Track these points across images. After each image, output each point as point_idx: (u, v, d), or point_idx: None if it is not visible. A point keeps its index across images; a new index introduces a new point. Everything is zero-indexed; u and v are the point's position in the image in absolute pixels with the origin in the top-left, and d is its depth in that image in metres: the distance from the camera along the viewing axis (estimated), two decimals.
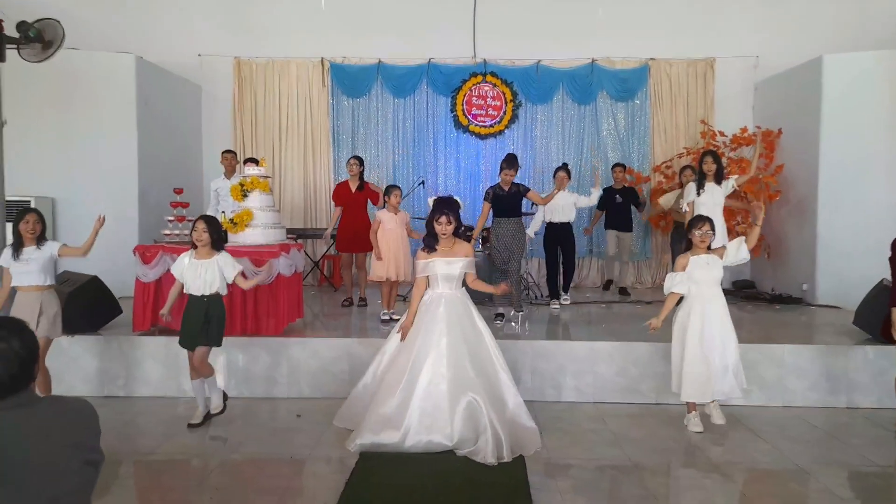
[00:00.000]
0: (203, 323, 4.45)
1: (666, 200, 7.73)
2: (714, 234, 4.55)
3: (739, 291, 8.47)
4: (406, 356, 4.20)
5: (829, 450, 4.32)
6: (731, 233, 8.03)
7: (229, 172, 7.49)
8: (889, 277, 5.37)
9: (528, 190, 6.41)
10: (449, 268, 4.27)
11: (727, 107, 9.21)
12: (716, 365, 4.42)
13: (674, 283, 4.53)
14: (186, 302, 4.52)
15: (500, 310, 6.43)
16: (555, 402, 5.21)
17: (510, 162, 6.27)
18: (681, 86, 9.35)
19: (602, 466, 3.99)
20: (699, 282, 4.47)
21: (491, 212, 6.42)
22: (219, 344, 4.59)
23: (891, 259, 4.51)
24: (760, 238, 8.34)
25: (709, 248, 4.55)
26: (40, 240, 4.58)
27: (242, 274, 4.64)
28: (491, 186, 6.44)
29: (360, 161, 7.36)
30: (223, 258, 4.52)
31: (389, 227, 6.22)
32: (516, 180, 6.38)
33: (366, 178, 7.57)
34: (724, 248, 4.57)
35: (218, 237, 4.55)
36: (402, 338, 4.31)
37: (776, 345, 5.35)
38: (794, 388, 5.23)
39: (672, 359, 4.60)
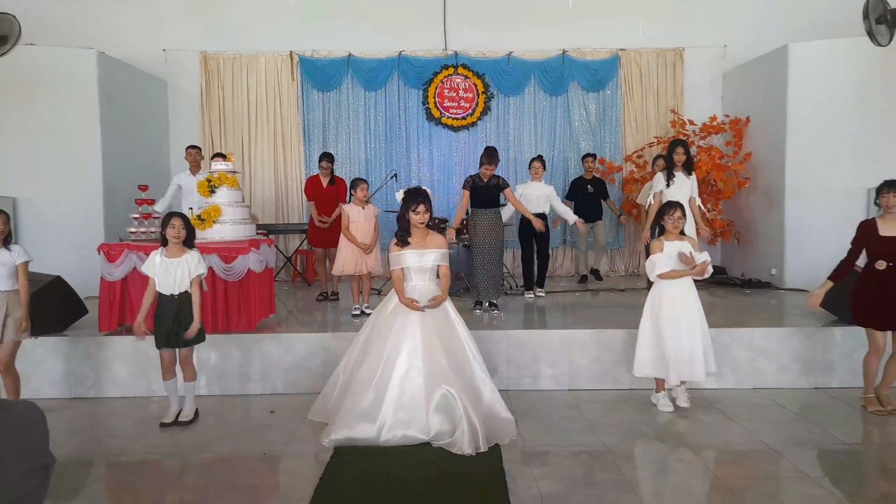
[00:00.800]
0: (175, 323, 4.37)
1: (642, 197, 7.80)
2: (685, 219, 4.60)
3: (711, 277, 8.56)
4: (380, 349, 4.16)
5: (798, 430, 4.40)
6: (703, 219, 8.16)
7: (194, 168, 7.35)
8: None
9: (506, 185, 6.32)
10: (421, 260, 4.24)
11: (697, 96, 9.32)
12: (685, 348, 4.47)
13: (658, 265, 4.56)
14: (157, 301, 4.43)
15: (481, 300, 6.41)
16: (530, 391, 5.23)
17: (490, 156, 6.21)
18: (651, 76, 9.42)
19: (577, 452, 4.01)
20: (674, 265, 4.51)
21: (470, 203, 6.39)
22: (200, 340, 4.52)
23: (853, 239, 4.61)
24: (729, 223, 8.55)
25: (682, 233, 4.61)
26: (6, 242, 4.45)
27: (202, 280, 4.53)
28: (471, 176, 6.37)
29: (332, 159, 7.32)
30: (192, 257, 4.44)
31: (357, 221, 6.14)
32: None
33: (337, 173, 7.52)
34: (694, 239, 4.64)
35: (190, 234, 4.47)
36: (411, 305, 4.16)
37: (746, 328, 5.42)
38: (764, 370, 5.31)
39: (638, 341, 4.65)
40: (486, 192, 6.27)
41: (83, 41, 7.91)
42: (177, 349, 4.49)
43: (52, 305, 5.35)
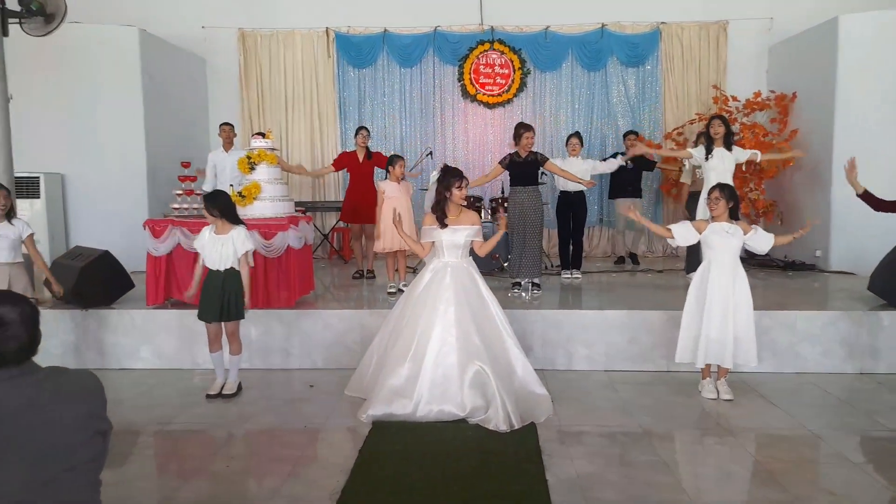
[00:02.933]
0: (221, 298, 4.49)
1: (685, 176, 7.62)
2: (726, 200, 4.42)
3: (752, 258, 8.39)
4: (413, 325, 4.21)
5: (841, 415, 4.32)
6: (743, 200, 7.97)
7: (227, 145, 7.41)
8: None
9: (546, 160, 6.18)
10: (454, 236, 4.26)
11: (740, 71, 9.04)
12: (728, 333, 4.39)
13: (681, 229, 4.47)
14: (206, 276, 4.56)
15: (519, 280, 6.38)
16: (566, 371, 5.23)
17: (528, 126, 6.16)
18: (693, 50, 9.16)
19: (613, 433, 4.01)
20: (715, 248, 4.41)
21: (508, 180, 6.31)
22: (241, 317, 4.63)
23: None
24: (772, 203, 8.33)
25: (735, 218, 4.47)
26: (9, 216, 4.70)
27: (248, 256, 4.60)
28: (508, 154, 6.27)
29: (369, 131, 7.33)
30: (238, 234, 4.51)
31: (393, 197, 6.15)
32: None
33: (373, 150, 7.54)
34: (753, 228, 4.46)
35: (226, 210, 4.52)
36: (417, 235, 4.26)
37: (789, 311, 5.31)
38: (806, 354, 5.21)
39: (682, 324, 4.56)
40: (525, 168, 6.15)
41: (125, 19, 8.04)
42: (222, 323, 4.61)
43: (100, 279, 5.53)
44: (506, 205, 6.92)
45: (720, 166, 5.97)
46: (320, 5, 9.16)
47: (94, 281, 5.46)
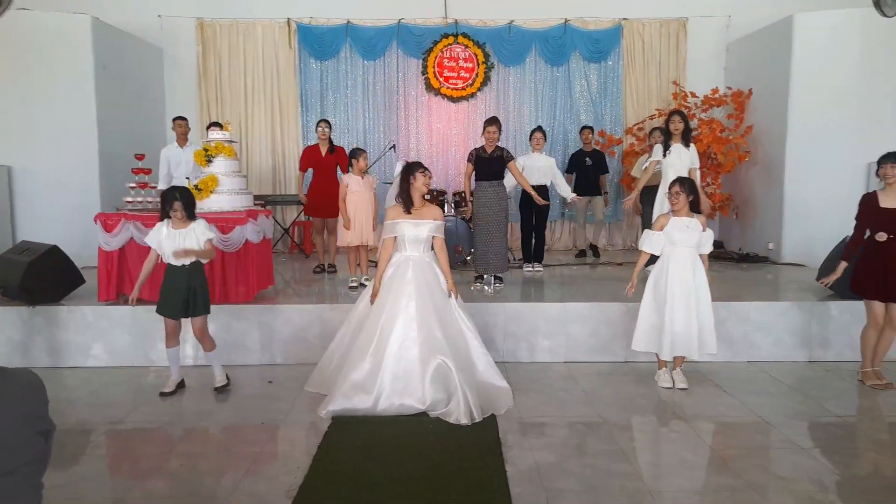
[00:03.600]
0: (187, 294, 4.38)
1: (636, 170, 7.75)
2: (686, 195, 4.47)
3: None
4: (375, 320, 4.18)
5: (791, 402, 4.45)
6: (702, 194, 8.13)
7: (181, 140, 7.16)
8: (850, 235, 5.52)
9: (511, 158, 6.21)
10: (417, 230, 4.24)
11: (699, 67, 9.21)
12: (683, 324, 4.46)
13: (650, 241, 4.54)
14: (165, 270, 4.44)
15: (482, 274, 6.39)
16: (527, 363, 5.26)
17: (492, 120, 6.20)
18: (653, 46, 9.29)
19: (573, 423, 4.05)
20: (676, 243, 4.48)
21: (475, 176, 6.33)
22: (208, 311, 4.52)
23: (857, 215, 4.60)
24: (728, 197, 8.52)
25: (695, 211, 4.54)
26: None
27: (211, 243, 4.52)
28: (474, 149, 6.27)
29: (330, 124, 7.22)
30: (199, 225, 4.41)
31: (356, 191, 6.09)
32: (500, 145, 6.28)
33: (335, 143, 7.45)
34: (704, 218, 4.56)
35: (189, 204, 4.42)
36: (372, 301, 4.28)
37: (742, 302, 5.44)
38: (759, 343, 5.35)
39: (639, 315, 4.63)
40: (489, 164, 6.17)
41: (79, 7, 7.76)
42: (188, 320, 4.49)
43: (48, 275, 5.34)
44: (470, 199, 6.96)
45: (678, 163, 6.05)
46: None
47: (42, 276, 5.28)
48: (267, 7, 9.04)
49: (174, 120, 7.28)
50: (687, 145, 6.12)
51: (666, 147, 6.12)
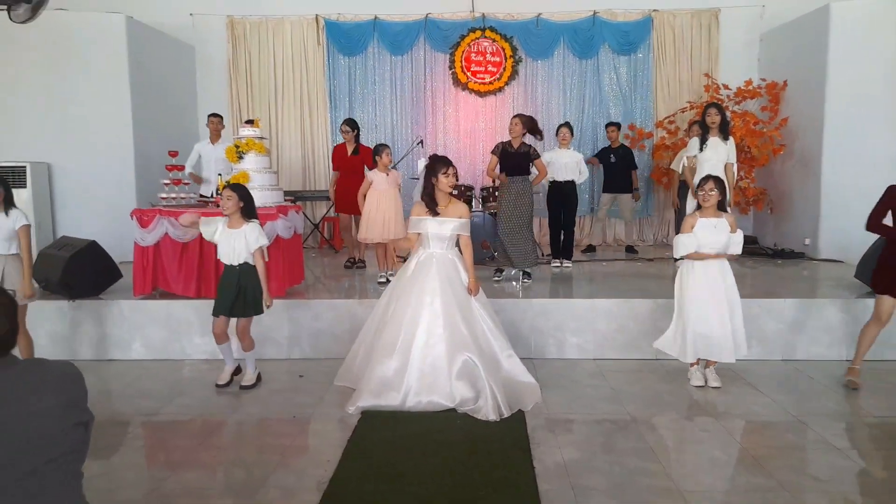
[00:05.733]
0: (236, 293, 4.44)
1: (675, 163, 7.62)
2: (719, 193, 4.39)
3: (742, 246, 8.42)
4: (400, 317, 4.19)
5: (826, 401, 4.35)
6: (734, 188, 7.99)
7: (214, 137, 7.29)
8: None
9: (538, 156, 6.19)
10: (440, 228, 4.24)
11: (732, 59, 9.03)
12: (715, 327, 4.38)
13: (682, 246, 4.43)
14: (223, 270, 4.52)
15: (502, 268, 6.39)
16: (555, 360, 5.25)
17: (517, 115, 6.19)
18: (684, 38, 9.13)
19: (601, 420, 4.03)
20: (703, 245, 4.39)
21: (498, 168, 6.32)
22: (258, 312, 4.54)
23: (879, 201, 4.48)
24: (762, 192, 8.35)
25: (723, 209, 4.45)
26: (7, 206, 4.41)
27: (263, 251, 4.51)
28: (501, 142, 6.24)
29: (353, 125, 7.18)
30: (251, 229, 4.43)
31: (381, 189, 6.11)
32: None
33: (363, 140, 7.49)
34: (739, 231, 4.45)
35: (247, 202, 4.46)
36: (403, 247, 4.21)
37: (777, 299, 5.34)
38: (794, 341, 5.24)
39: (677, 321, 4.55)
40: (516, 160, 6.14)
41: (113, 6, 7.92)
42: (232, 319, 4.56)
43: (87, 270, 5.50)
44: (496, 193, 6.94)
45: (713, 157, 5.94)
46: None
47: (82, 271, 5.43)
48: (295, 4, 9.11)
49: (209, 116, 7.41)
50: (725, 139, 5.99)
51: (703, 141, 6.00)
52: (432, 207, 4.25)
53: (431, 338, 4.08)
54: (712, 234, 4.37)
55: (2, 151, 7.35)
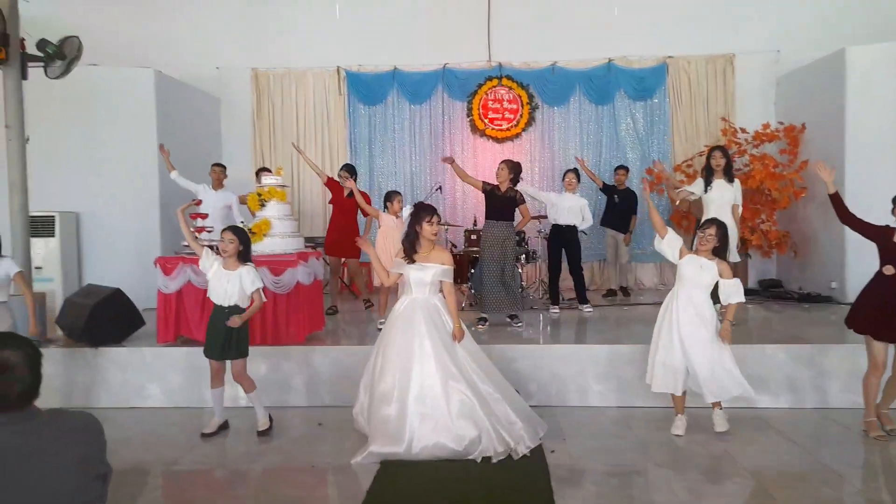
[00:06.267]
0: (226, 336, 4.47)
1: (676, 193, 7.59)
2: (717, 241, 4.35)
3: (766, 291, 8.30)
4: (393, 364, 4.15)
5: (862, 451, 4.20)
6: (756, 231, 7.92)
7: (217, 185, 7.37)
8: None
9: (523, 202, 6.19)
10: (422, 273, 4.23)
11: (748, 103, 9.07)
12: (694, 365, 4.28)
13: (673, 242, 4.41)
14: (212, 312, 4.56)
15: (486, 315, 6.31)
16: (578, 407, 5.14)
17: (504, 161, 6.26)
18: (700, 83, 9.22)
19: (627, 472, 3.91)
20: (685, 279, 4.36)
21: (485, 213, 6.26)
22: (244, 355, 4.61)
23: (867, 222, 4.49)
24: (785, 235, 8.25)
25: (720, 256, 4.40)
26: None
27: (260, 293, 4.59)
28: (492, 184, 6.21)
29: (352, 171, 7.23)
30: (246, 273, 4.49)
31: (388, 229, 6.19)
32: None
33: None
34: (735, 281, 4.38)
35: (246, 245, 4.55)
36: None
37: (806, 345, 5.22)
38: (826, 388, 5.09)
39: (650, 350, 4.50)
40: (501, 203, 6.13)
41: (144, 61, 8.24)
42: (226, 362, 4.59)
43: (110, 318, 5.56)
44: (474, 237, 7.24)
45: (719, 198, 5.97)
46: (331, 45, 9.36)
47: (105, 319, 5.49)
48: (318, 57, 9.39)
49: (213, 166, 7.51)
50: (731, 181, 6.01)
51: (707, 183, 6.01)
52: (410, 254, 4.25)
53: (427, 379, 4.04)
54: (696, 272, 4.34)
55: (33, 201, 7.54)
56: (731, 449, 4.24)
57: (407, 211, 4.43)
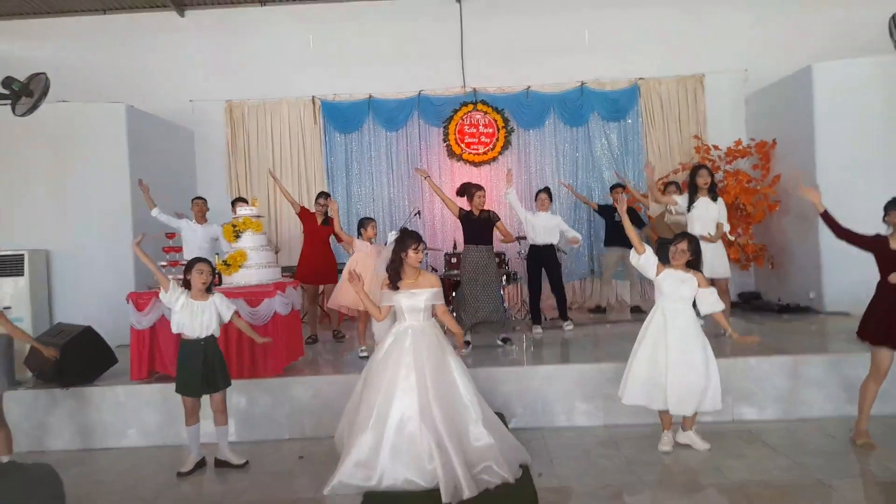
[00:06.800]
0: (205, 369, 4.37)
1: (654, 209, 7.64)
2: (689, 254, 4.36)
3: (746, 303, 8.35)
4: (374, 393, 4.04)
5: (849, 461, 4.17)
6: (732, 245, 7.98)
7: (200, 219, 7.27)
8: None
9: (498, 219, 6.23)
10: (413, 300, 4.15)
11: (720, 121, 9.23)
12: (675, 380, 4.23)
13: (650, 259, 4.40)
14: (180, 348, 4.45)
15: (502, 335, 6.30)
16: (565, 428, 5.06)
17: (479, 186, 6.27)
18: (672, 103, 9.37)
19: (617, 493, 3.83)
20: (664, 294, 4.35)
21: (463, 238, 6.29)
22: (229, 384, 4.55)
23: (862, 235, 4.53)
24: (762, 248, 8.33)
25: (694, 267, 4.40)
26: None
27: (237, 314, 4.61)
28: (463, 209, 6.26)
29: (327, 197, 7.39)
30: (220, 299, 4.47)
31: (362, 255, 6.11)
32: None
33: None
34: (711, 289, 4.38)
35: (213, 279, 4.55)
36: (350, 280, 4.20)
37: (788, 356, 5.21)
38: (810, 399, 5.08)
39: (630, 366, 4.45)
40: (478, 226, 6.15)
41: (116, 96, 8.17)
42: (208, 395, 4.47)
43: (81, 356, 5.39)
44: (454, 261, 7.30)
45: (705, 215, 6.01)
46: (305, 75, 9.39)
47: (76, 358, 5.33)
48: (292, 87, 9.41)
49: (193, 200, 7.44)
50: (714, 199, 6.07)
51: (692, 201, 6.07)
52: (394, 281, 4.17)
53: (406, 412, 3.91)
54: (675, 286, 4.33)
55: (2, 240, 7.38)
56: (720, 464, 4.19)
57: (392, 237, 4.34)
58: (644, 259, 4.45)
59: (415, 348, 4.07)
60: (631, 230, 4.67)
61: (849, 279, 7.11)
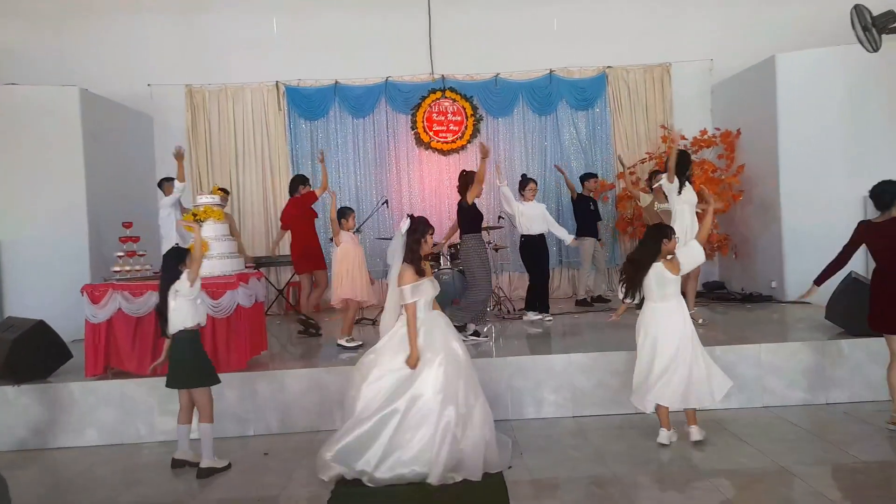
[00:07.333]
0: (177, 365, 4.22)
1: (644, 199, 7.66)
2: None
3: (710, 293, 8.46)
4: (384, 382, 3.96)
5: (812, 449, 4.24)
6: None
7: (168, 191, 7.25)
8: (856, 271, 5.42)
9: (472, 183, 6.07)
10: (434, 289, 4.09)
11: (686, 110, 9.29)
12: (664, 372, 4.23)
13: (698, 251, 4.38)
14: (196, 340, 4.33)
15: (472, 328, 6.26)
16: (535, 419, 5.05)
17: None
18: (639, 92, 9.40)
19: (586, 483, 3.83)
20: (652, 290, 4.31)
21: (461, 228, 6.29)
22: (205, 382, 4.30)
23: (848, 242, 4.51)
24: (725, 237, 8.44)
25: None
26: None
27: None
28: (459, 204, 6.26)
29: (304, 181, 7.43)
30: (179, 283, 4.25)
31: (348, 249, 6.04)
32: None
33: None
34: (675, 263, 4.32)
35: None
36: (413, 365, 3.95)
37: (751, 345, 5.28)
38: (772, 387, 5.16)
39: (637, 369, 4.43)
40: (472, 216, 6.15)
41: (67, 79, 7.82)
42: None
43: (34, 352, 5.16)
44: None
45: (693, 199, 6.08)
46: (269, 59, 9.14)
47: (28, 354, 5.10)
48: (255, 72, 9.15)
49: (164, 181, 7.35)
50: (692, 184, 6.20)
51: (682, 185, 6.12)
52: (420, 268, 4.05)
53: (419, 400, 3.84)
54: (662, 285, 4.28)
55: None
56: (686, 453, 4.22)
57: (406, 226, 4.14)
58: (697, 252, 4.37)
59: (425, 340, 3.97)
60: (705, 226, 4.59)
61: (810, 268, 7.20)
